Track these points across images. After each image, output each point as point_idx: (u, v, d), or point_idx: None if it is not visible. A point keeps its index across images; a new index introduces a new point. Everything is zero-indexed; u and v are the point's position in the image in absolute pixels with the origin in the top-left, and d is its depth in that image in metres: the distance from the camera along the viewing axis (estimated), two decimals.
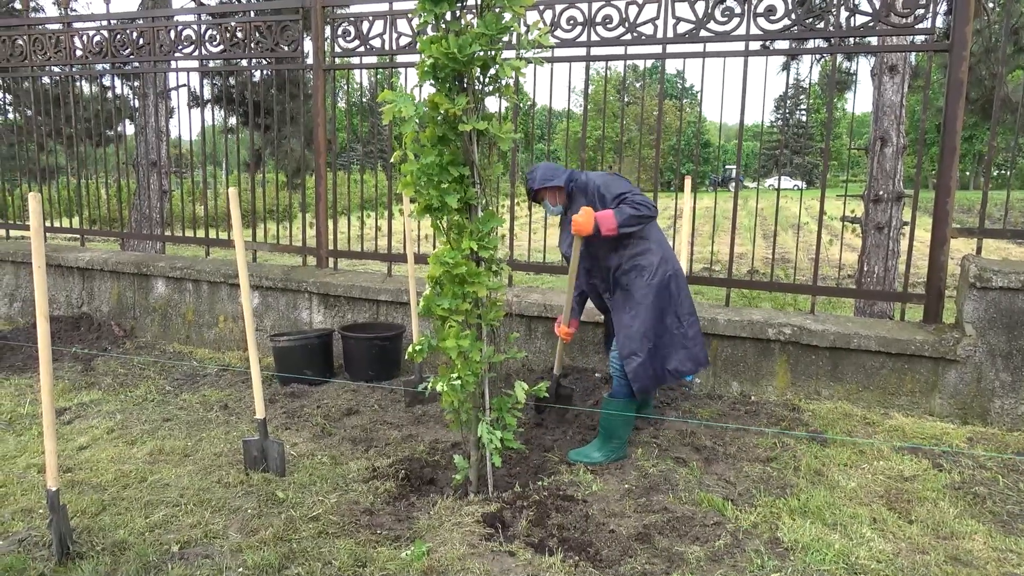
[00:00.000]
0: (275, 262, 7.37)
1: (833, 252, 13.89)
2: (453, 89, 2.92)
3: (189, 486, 3.31)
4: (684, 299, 3.60)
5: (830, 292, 4.88)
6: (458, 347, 2.94)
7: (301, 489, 3.28)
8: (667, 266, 3.53)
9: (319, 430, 4.05)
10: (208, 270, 5.95)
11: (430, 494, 3.22)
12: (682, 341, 3.57)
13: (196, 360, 5.63)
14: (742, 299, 8.35)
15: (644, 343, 3.45)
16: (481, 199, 3.04)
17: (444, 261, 2.92)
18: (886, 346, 4.18)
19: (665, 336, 3.53)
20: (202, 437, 3.96)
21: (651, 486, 3.27)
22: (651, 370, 3.49)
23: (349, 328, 5.23)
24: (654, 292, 3.46)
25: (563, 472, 3.44)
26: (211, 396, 4.69)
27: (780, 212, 22.86)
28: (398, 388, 4.74)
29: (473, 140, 2.96)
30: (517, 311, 4.92)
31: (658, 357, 3.52)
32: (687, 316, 3.59)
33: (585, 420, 4.08)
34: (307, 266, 6.00)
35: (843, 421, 4.07)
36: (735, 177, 4.60)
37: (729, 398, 4.47)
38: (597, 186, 3.50)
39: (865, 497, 3.19)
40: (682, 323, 3.57)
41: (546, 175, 3.61)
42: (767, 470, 3.46)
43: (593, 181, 3.54)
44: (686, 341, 3.58)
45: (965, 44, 4.15)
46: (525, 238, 11.70)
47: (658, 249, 3.53)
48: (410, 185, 2.98)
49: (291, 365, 4.94)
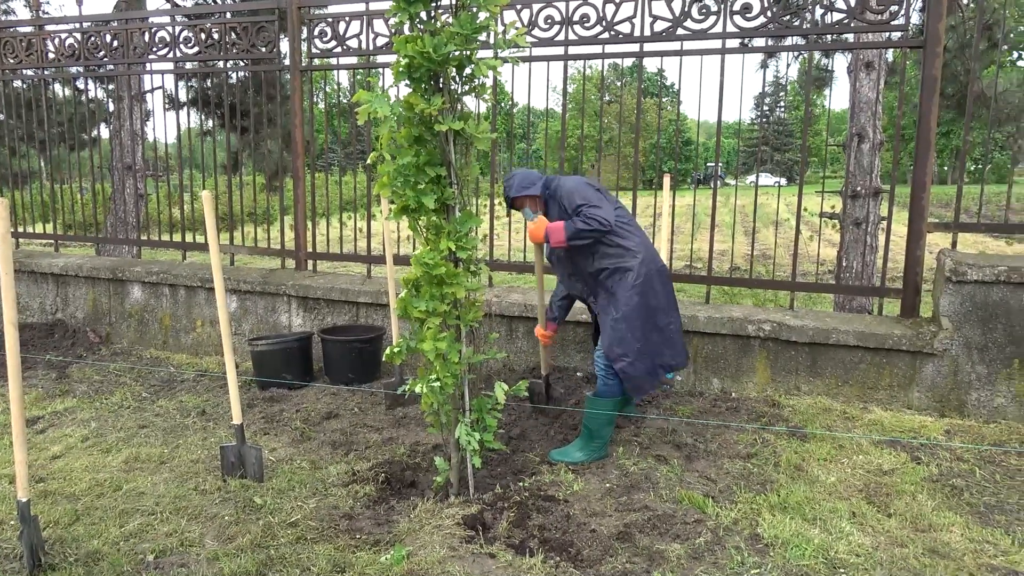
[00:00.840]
0: (254, 265, 7.31)
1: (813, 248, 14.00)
2: (429, 89, 2.90)
3: (165, 494, 3.27)
4: (669, 295, 3.62)
5: (809, 288, 4.91)
6: (436, 349, 2.93)
7: (279, 495, 3.25)
8: (650, 265, 3.53)
9: (298, 435, 4.02)
10: (185, 274, 5.89)
11: (410, 497, 3.21)
12: (671, 336, 3.59)
13: (173, 366, 5.57)
14: (723, 296, 8.38)
15: (632, 344, 3.46)
16: (459, 199, 3.02)
17: (424, 262, 2.90)
18: (864, 341, 4.21)
19: (654, 334, 3.54)
20: (179, 444, 3.91)
21: (632, 485, 3.27)
22: (643, 368, 3.50)
23: (329, 331, 5.19)
24: (639, 292, 3.47)
25: (544, 472, 3.43)
26: (188, 402, 4.64)
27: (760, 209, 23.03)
28: (378, 391, 4.72)
29: (450, 140, 2.95)
30: (497, 311, 4.90)
31: (649, 354, 3.52)
32: (672, 312, 3.61)
33: (567, 420, 4.08)
34: (286, 269, 5.96)
35: (823, 416, 4.10)
36: (715, 174, 4.61)
37: (710, 395, 4.49)
38: (563, 195, 3.54)
39: (845, 491, 3.22)
40: (669, 319, 3.59)
41: (523, 183, 3.63)
42: (747, 466, 3.47)
43: (562, 188, 3.56)
44: (674, 336, 3.60)
45: (939, 40, 4.19)
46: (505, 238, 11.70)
47: (639, 249, 3.53)
48: (387, 186, 2.96)
49: (270, 369, 4.90)
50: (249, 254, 6.07)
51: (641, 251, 3.53)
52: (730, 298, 8.45)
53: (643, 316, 3.49)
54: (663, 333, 3.56)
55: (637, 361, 3.47)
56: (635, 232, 3.60)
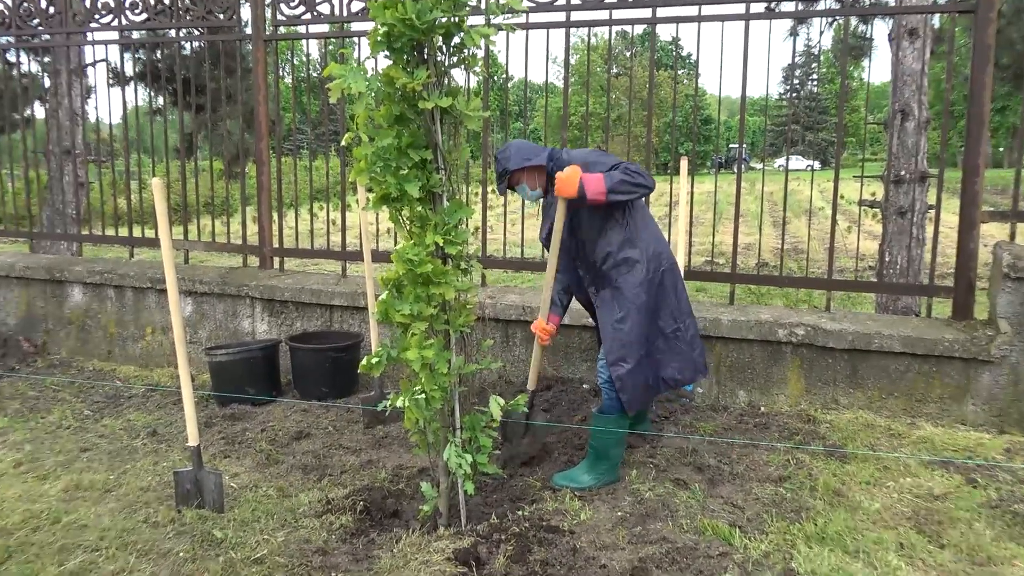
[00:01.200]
0: (212, 263, 7.29)
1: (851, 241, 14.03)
2: (412, 61, 2.89)
3: (111, 527, 3.24)
4: (681, 297, 3.60)
5: (847, 286, 4.92)
6: (422, 358, 2.92)
7: (243, 527, 3.23)
8: (661, 260, 3.53)
9: (264, 457, 4.00)
10: (133, 274, 5.87)
11: (393, 528, 3.19)
12: (678, 345, 3.57)
13: (120, 379, 5.55)
14: (749, 296, 8.40)
15: (634, 348, 3.44)
16: (447, 186, 3.01)
17: (407, 258, 2.89)
18: (911, 346, 4.21)
19: (659, 340, 3.53)
20: (126, 469, 3.89)
21: (647, 513, 3.27)
22: (642, 379, 3.48)
23: (298, 338, 5.18)
24: (646, 290, 3.46)
25: (547, 499, 3.42)
26: (137, 421, 4.62)
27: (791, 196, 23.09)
28: (355, 407, 4.70)
29: (436, 119, 2.94)
30: (491, 315, 4.89)
31: (650, 364, 3.51)
32: (684, 317, 3.59)
33: (572, 439, 4.07)
34: (248, 267, 5.94)
35: (864, 433, 4.09)
36: (738, 157, 4.61)
37: (735, 409, 4.49)
38: (584, 163, 3.45)
39: (890, 519, 3.21)
40: (678, 324, 3.57)
41: (523, 153, 3.53)
42: (779, 491, 3.47)
43: (579, 158, 3.50)
44: (683, 345, 3.58)
45: (992, 4, 4.19)
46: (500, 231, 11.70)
47: (651, 241, 3.52)
48: (364, 172, 2.94)
49: (231, 382, 4.88)
50: (206, 250, 6.05)
51: (653, 244, 3.52)
52: (757, 298, 8.46)
53: (648, 317, 3.48)
54: (668, 341, 3.55)
55: (636, 369, 3.46)
56: (649, 223, 3.60)
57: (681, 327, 3.58)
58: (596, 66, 41.47)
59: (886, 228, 6.81)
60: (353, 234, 14.54)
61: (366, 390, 5.03)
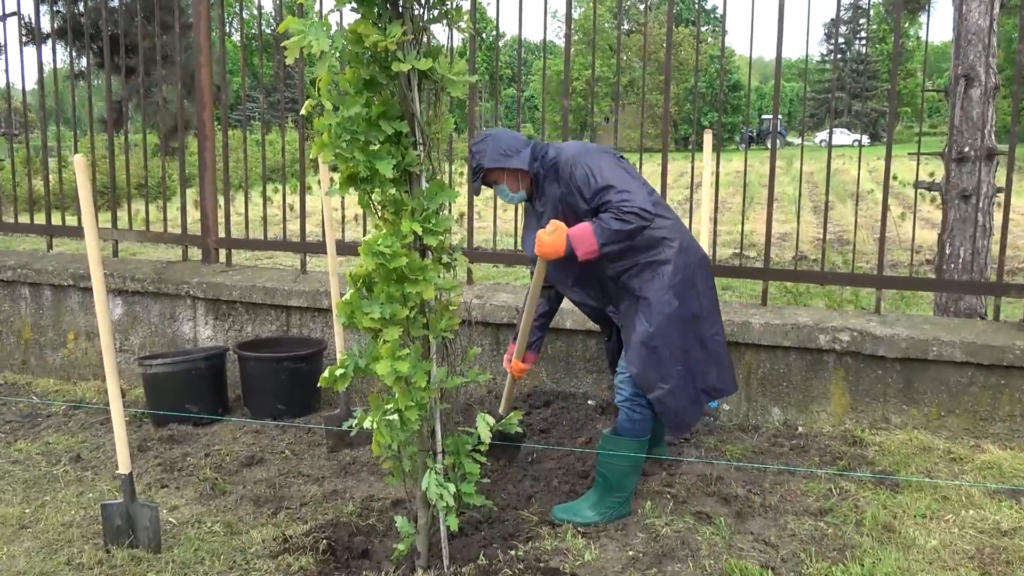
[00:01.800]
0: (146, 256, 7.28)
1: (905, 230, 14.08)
2: (384, 15, 2.89)
3: (27, 570, 3.24)
4: (714, 296, 3.66)
5: (901, 284, 4.95)
6: (395, 370, 2.92)
7: (183, 570, 3.23)
8: (690, 255, 3.54)
9: (208, 487, 4.00)
10: (51, 269, 5.86)
11: (363, 572, 3.20)
12: (718, 351, 3.63)
13: (36, 394, 5.54)
14: (785, 295, 8.41)
15: (671, 366, 3.47)
16: (426, 165, 3.02)
17: (378, 251, 2.89)
18: (976, 355, 4.24)
19: (696, 349, 3.55)
20: (45, 501, 3.89)
21: (664, 552, 3.28)
22: (686, 395, 3.52)
23: (249, 345, 5.17)
24: (677, 295, 3.46)
25: (544, 536, 3.43)
26: (58, 444, 4.61)
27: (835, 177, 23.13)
28: (317, 427, 4.70)
29: (413, 84, 2.94)
30: (479, 317, 4.90)
31: (691, 376, 3.54)
32: (718, 319, 3.66)
33: (575, 464, 4.08)
34: (190, 261, 5.93)
35: (920, 457, 4.12)
36: (772, 130, 4.63)
37: (768, 429, 4.50)
38: (572, 170, 3.43)
39: (950, 559, 3.23)
40: (715, 328, 3.62)
41: (500, 147, 3.50)
42: (820, 526, 3.48)
43: (567, 159, 3.46)
44: (722, 350, 3.63)
45: None
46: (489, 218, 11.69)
47: (674, 236, 3.52)
48: (328, 147, 2.94)
49: (169, 398, 4.88)
50: (139, 241, 6.05)
51: (677, 238, 3.53)
52: (794, 298, 8.48)
53: (683, 326, 3.49)
54: (707, 348, 3.57)
55: (678, 389, 3.48)
56: (666, 213, 3.60)
57: (718, 331, 3.63)
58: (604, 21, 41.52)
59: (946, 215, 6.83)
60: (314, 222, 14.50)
61: (330, 407, 5.03)
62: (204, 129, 5.75)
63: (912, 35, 46.00)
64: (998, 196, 6.72)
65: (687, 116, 39.98)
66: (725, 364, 3.67)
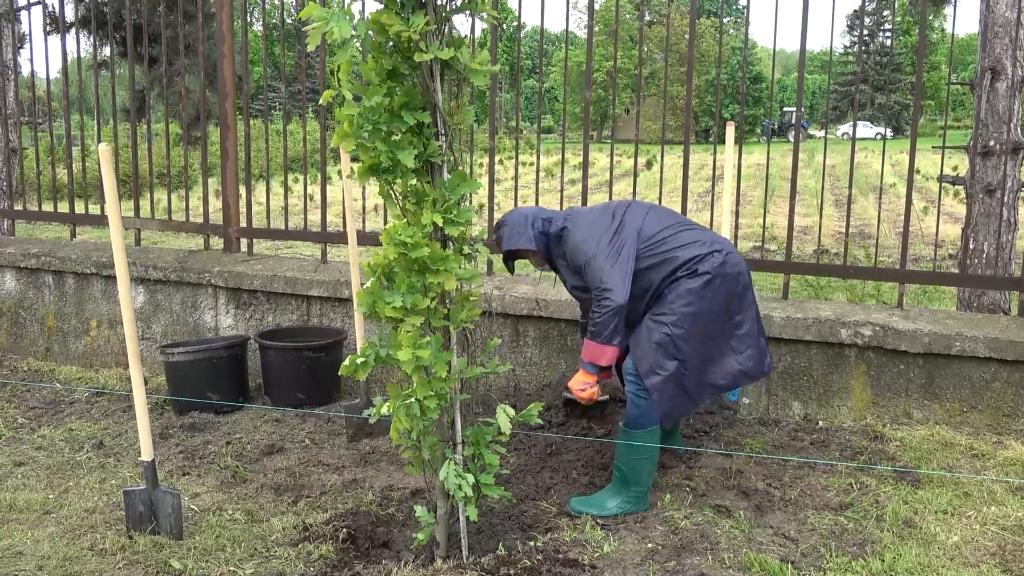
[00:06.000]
0: (168, 245, 7.32)
1: (928, 224, 13.98)
2: (407, 5, 2.89)
3: (51, 555, 3.27)
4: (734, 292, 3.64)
5: (924, 278, 4.91)
6: (416, 359, 2.93)
7: (204, 556, 3.25)
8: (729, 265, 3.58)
9: (229, 475, 4.03)
10: (75, 258, 5.90)
11: (382, 561, 3.21)
12: (731, 341, 3.61)
13: (60, 381, 5.58)
14: (806, 289, 8.37)
15: (669, 353, 3.47)
16: (447, 156, 3.02)
17: (400, 240, 2.90)
18: (999, 351, 4.21)
19: (709, 344, 3.56)
20: (68, 487, 3.92)
21: (683, 545, 3.28)
22: (685, 385, 3.52)
23: (270, 335, 5.19)
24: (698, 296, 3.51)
25: (563, 527, 3.44)
26: (81, 431, 4.65)
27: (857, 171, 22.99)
28: (337, 416, 4.73)
29: (435, 75, 2.94)
30: (499, 309, 4.90)
31: (695, 368, 3.53)
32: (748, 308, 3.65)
33: (594, 457, 4.08)
34: (211, 250, 5.96)
35: (942, 453, 4.09)
36: (795, 123, 4.60)
37: (789, 424, 4.49)
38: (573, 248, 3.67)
39: (971, 555, 3.22)
40: (733, 318, 3.61)
41: (513, 231, 3.76)
42: (840, 521, 3.47)
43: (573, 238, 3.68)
44: (735, 342, 3.61)
45: None
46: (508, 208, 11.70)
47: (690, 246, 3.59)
48: (349, 137, 2.95)
49: (190, 386, 4.91)
50: (161, 230, 6.08)
51: (694, 248, 3.57)
52: (816, 291, 8.44)
53: (697, 321, 3.50)
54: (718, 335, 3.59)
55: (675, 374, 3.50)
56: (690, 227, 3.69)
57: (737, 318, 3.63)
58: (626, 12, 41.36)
59: (971, 209, 6.78)
60: (335, 212, 14.57)
61: (350, 397, 5.05)
62: (226, 119, 5.77)
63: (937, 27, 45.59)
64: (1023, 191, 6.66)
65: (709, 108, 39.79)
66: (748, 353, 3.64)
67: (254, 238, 5.92)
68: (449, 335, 3.10)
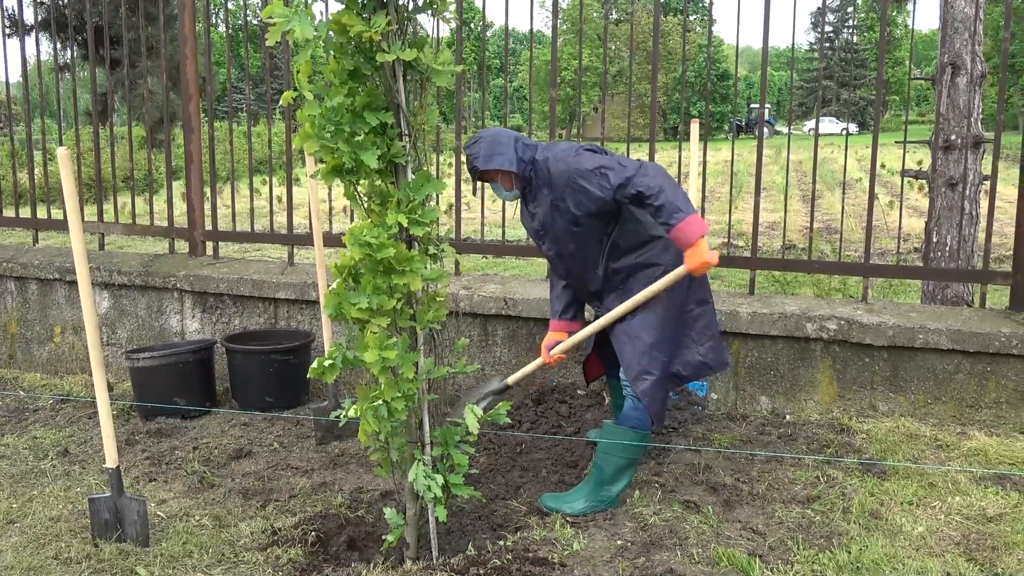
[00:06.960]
0: (132, 249, 7.25)
1: (892, 218, 14.13)
2: (368, 5, 2.88)
3: (15, 565, 3.24)
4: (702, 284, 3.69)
5: (888, 272, 4.96)
6: (382, 360, 2.92)
7: (171, 563, 3.23)
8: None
9: (197, 480, 4.00)
10: (37, 263, 5.83)
11: (352, 563, 3.21)
12: (692, 332, 3.66)
13: (23, 388, 5.52)
14: (773, 284, 8.43)
15: (658, 357, 3.51)
16: (412, 156, 3.01)
17: (365, 241, 2.89)
18: (962, 343, 4.26)
19: (677, 332, 3.61)
20: (32, 496, 3.88)
21: (652, 541, 3.29)
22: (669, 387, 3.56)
23: (237, 338, 5.16)
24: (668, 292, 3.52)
25: (533, 526, 3.44)
26: (45, 438, 4.60)
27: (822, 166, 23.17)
28: (306, 419, 4.70)
29: (398, 75, 2.93)
30: (467, 308, 4.90)
31: (671, 361, 3.59)
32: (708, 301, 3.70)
33: (563, 455, 4.09)
34: (177, 254, 5.91)
35: (907, 444, 4.14)
36: (760, 119, 4.63)
37: (756, 418, 4.52)
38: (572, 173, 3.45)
39: (936, 545, 3.25)
40: (692, 310, 3.65)
41: (491, 149, 3.53)
42: (807, 514, 3.50)
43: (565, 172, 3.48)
44: (696, 334, 3.66)
45: None
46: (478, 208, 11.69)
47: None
48: (312, 138, 2.93)
49: (156, 391, 4.87)
50: (125, 234, 6.02)
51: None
52: (782, 287, 8.50)
53: (670, 317, 3.54)
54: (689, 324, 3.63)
55: (662, 378, 3.53)
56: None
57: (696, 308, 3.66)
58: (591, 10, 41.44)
59: (933, 203, 6.85)
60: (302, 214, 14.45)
61: (318, 399, 5.02)
62: (190, 121, 5.72)
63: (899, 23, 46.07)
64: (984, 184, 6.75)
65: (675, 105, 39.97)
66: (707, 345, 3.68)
67: (220, 241, 5.87)
68: (416, 336, 3.10)
